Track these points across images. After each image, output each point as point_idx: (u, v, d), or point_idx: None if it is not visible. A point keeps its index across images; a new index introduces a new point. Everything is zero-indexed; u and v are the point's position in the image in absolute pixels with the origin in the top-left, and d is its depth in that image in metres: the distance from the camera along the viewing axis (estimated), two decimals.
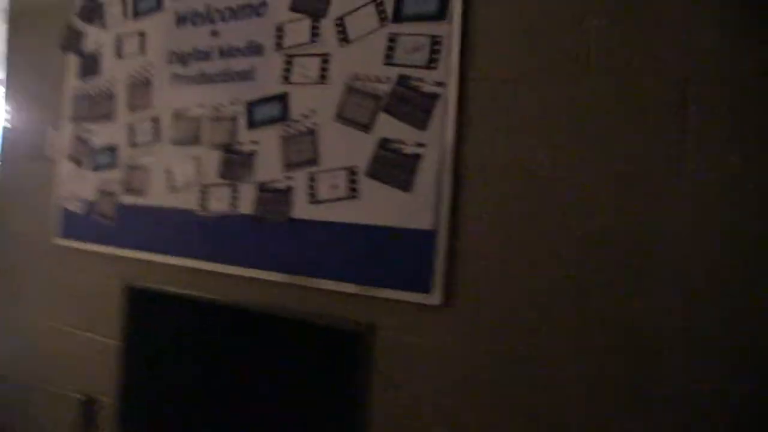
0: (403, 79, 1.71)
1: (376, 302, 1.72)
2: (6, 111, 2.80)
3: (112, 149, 2.35)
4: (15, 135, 2.78)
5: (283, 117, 1.91)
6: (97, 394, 2.36)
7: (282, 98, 1.91)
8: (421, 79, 1.68)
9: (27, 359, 2.66)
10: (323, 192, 1.82)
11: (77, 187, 2.45)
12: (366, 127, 1.76)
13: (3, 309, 2.78)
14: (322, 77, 1.84)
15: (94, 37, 2.44)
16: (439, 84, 1.65)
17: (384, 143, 1.73)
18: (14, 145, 2.79)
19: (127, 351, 2.25)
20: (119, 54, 2.35)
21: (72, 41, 2.50)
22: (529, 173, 1.54)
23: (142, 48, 2.28)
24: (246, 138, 1.99)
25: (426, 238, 1.65)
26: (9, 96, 2.80)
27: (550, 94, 1.53)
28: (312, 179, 1.85)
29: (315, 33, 1.87)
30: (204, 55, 2.11)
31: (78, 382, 2.42)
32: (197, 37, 2.12)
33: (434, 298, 1.63)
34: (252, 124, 1.98)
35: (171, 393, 2.12)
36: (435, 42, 1.67)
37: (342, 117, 1.80)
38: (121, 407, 2.26)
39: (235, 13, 2.04)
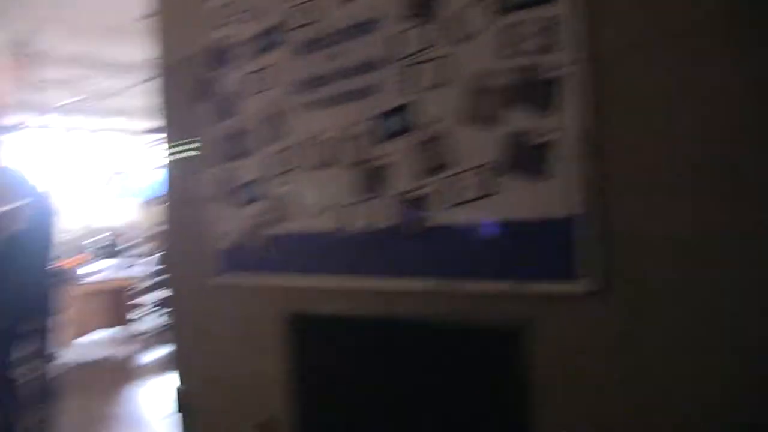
0: (523, 69, 1.67)
1: (528, 297, 1.68)
2: (164, 157, 3.04)
3: (254, 183, 2.48)
4: (173, 180, 3.01)
5: (409, 127, 1.92)
6: (273, 421, 2.48)
7: (405, 109, 1.93)
8: (541, 65, 1.63)
9: (208, 391, 2.85)
10: (459, 194, 1.81)
11: (228, 224, 2.61)
12: (492, 123, 1.73)
13: (191, 347, 3.01)
14: (441, 81, 1.84)
15: (224, 81, 2.59)
16: (561, 67, 1.60)
17: (513, 136, 1.69)
18: (173, 189, 3.02)
19: (296, 376, 2.35)
20: (249, 93, 2.48)
21: (202, 89, 2.67)
22: (670, 148, 1.44)
23: (269, 83, 2.39)
24: (377, 153, 2.02)
25: (569, 225, 1.58)
26: (166, 143, 3.04)
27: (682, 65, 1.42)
28: (446, 184, 1.84)
29: (427, 38, 1.87)
30: (326, 80, 2.17)
31: (255, 410, 2.56)
32: (317, 63, 2.19)
33: (585, 284, 1.56)
34: (381, 139, 2.01)
35: (344, 412, 2.18)
36: (551, 25, 1.61)
37: (467, 117, 1.79)
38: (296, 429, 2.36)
39: (347, 34, 2.09)
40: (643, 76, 1.49)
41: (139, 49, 3.76)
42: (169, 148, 3.04)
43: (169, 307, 3.18)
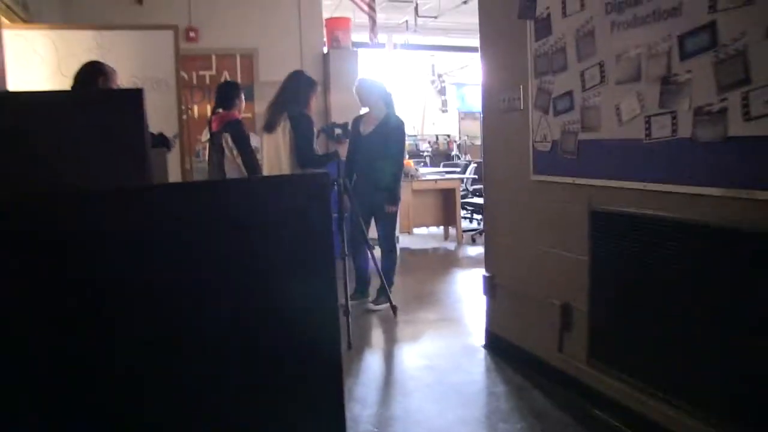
0: None
1: None
2: (482, 72, 3.50)
3: (568, 95, 2.81)
4: (491, 93, 3.48)
5: (713, 44, 2.07)
6: (572, 301, 2.89)
7: (711, 27, 2.07)
8: None
9: (519, 275, 3.36)
10: (758, 108, 1.94)
11: (545, 130, 2.99)
12: None
13: (501, 237, 3.54)
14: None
15: (544, 3, 2.92)
16: None
17: None
18: (491, 101, 3.49)
19: (594, 265, 2.71)
20: (564, 13, 2.78)
21: (526, 9, 3.03)
22: None
23: (582, 5, 2.66)
24: (680, 69, 2.21)
25: None
26: (483, 60, 3.49)
27: None
28: (745, 98, 1.98)
29: None
30: (635, 1, 2.38)
31: (557, 291, 2.99)
32: None
33: None
34: (684, 56, 2.19)
35: (632, 298, 2.51)
36: None
37: None
38: (591, 311, 2.75)
39: None
40: None
41: None
42: (487, 64, 3.48)
43: (485, 209, 3.73)
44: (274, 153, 4.05)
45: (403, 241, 6.96)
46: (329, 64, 7.01)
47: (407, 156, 6.45)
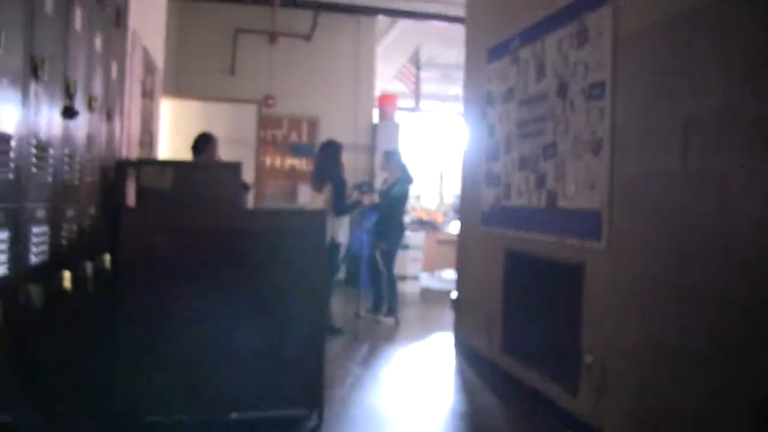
0: None
1: (583, 249, 3.42)
2: (463, 156, 5.22)
3: (498, 176, 4.48)
4: (465, 169, 5.19)
5: (554, 155, 3.75)
6: (493, 312, 4.51)
7: (553, 145, 3.75)
8: None
9: (471, 295, 4.99)
10: (569, 193, 3.60)
11: (487, 198, 4.67)
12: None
13: (465, 270, 5.20)
14: (565, 134, 3.62)
15: (492, 117, 4.64)
16: None
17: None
18: (464, 176, 5.19)
19: (504, 286, 4.35)
20: (500, 123, 4.50)
21: (480, 117, 4.77)
22: None
23: (508, 121, 4.38)
24: (542, 166, 3.89)
25: (598, 214, 3.30)
26: (464, 149, 5.23)
27: None
28: (563, 187, 3.64)
29: (559, 108, 3.66)
30: (526, 123, 4.08)
31: (487, 306, 4.61)
32: (524, 113, 4.11)
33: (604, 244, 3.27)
34: (544, 159, 3.87)
35: (522, 308, 4.13)
36: None
37: (577, 153, 3.56)
38: (503, 319, 4.37)
39: (536, 99, 3.98)
40: None
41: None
42: (466, 145, 5.22)
43: (458, 250, 5.42)
44: (316, 203, 5.81)
45: (424, 279, 8.64)
46: (377, 132, 8.88)
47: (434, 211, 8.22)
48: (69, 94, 2.14)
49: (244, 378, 3.28)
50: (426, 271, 8.69)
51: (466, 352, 5.05)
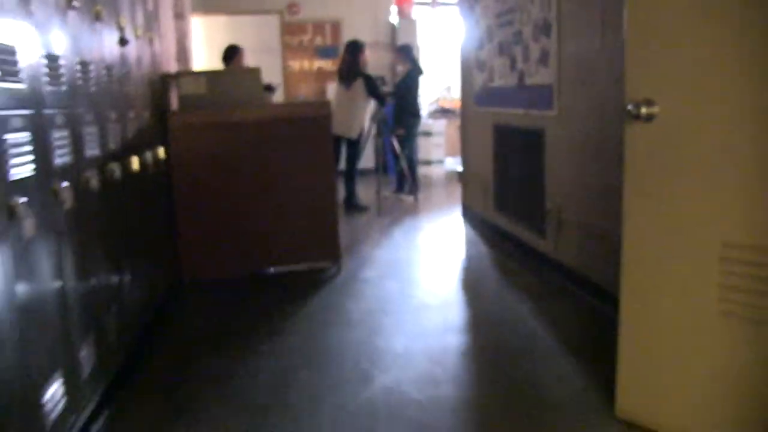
0: None
1: (545, 117, 4.20)
2: (461, 46, 5.93)
3: (484, 62, 5.21)
4: (465, 55, 5.91)
5: (520, 42, 4.47)
6: (489, 179, 5.35)
7: (520, 33, 4.46)
8: None
9: (473, 167, 5.82)
10: (530, 73, 4.35)
11: (478, 81, 5.41)
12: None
13: (467, 145, 6.01)
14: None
15: (478, 10, 5.31)
16: None
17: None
18: (465, 62, 5.91)
19: (494, 157, 5.16)
20: (484, 16, 5.18)
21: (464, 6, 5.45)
22: None
23: (486, 14, 5.06)
24: (515, 51, 4.61)
25: (551, 87, 4.06)
26: (464, 36, 5.92)
27: None
28: (527, 69, 4.38)
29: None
30: (503, 14, 4.78)
31: (483, 174, 5.44)
32: (500, 18, 4.79)
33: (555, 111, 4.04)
34: (515, 45, 4.59)
35: (504, 170, 4.96)
36: None
37: (536, 34, 4.27)
38: (493, 183, 5.21)
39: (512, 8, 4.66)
40: None
41: None
42: (462, 36, 5.91)
43: (461, 128, 6.21)
44: (344, 99, 6.58)
45: (448, 163, 9.47)
46: (397, 30, 9.51)
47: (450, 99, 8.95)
48: (120, 28, 2.98)
49: (275, 240, 4.26)
50: (450, 156, 9.50)
51: (469, 215, 5.95)
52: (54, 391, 1.93)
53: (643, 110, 1.96)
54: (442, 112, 9.64)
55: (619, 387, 2.24)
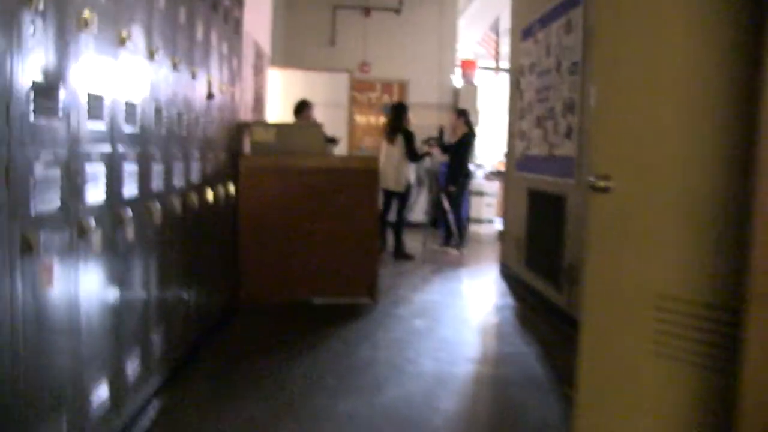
0: None
1: (567, 185, 4.76)
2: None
3: (525, 132, 5.82)
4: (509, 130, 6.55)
5: (552, 118, 5.08)
6: (522, 236, 5.90)
7: (543, 118, 5.08)
8: None
9: (511, 227, 6.39)
10: (558, 145, 4.95)
11: (517, 149, 6.02)
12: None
13: (508, 207, 6.60)
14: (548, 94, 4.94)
15: (522, 85, 5.97)
16: None
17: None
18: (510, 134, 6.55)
19: (528, 218, 5.72)
20: (527, 90, 5.83)
21: (515, 84, 6.10)
22: None
23: (528, 90, 5.71)
24: (547, 125, 5.23)
25: (573, 160, 4.64)
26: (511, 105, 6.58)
27: None
28: (553, 143, 4.98)
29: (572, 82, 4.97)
30: (540, 92, 5.41)
31: (519, 231, 6.00)
32: (541, 82, 5.43)
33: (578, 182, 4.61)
34: (546, 120, 5.21)
35: (537, 231, 5.51)
36: None
37: (564, 110, 4.88)
38: (526, 242, 5.76)
39: (547, 71, 5.30)
40: None
41: None
42: (509, 107, 6.55)
43: (504, 194, 6.79)
44: (391, 155, 7.29)
45: (498, 223, 10.00)
46: (459, 93, 10.25)
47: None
48: (209, 85, 3.74)
49: (323, 274, 4.91)
50: (500, 216, 10.05)
51: (505, 271, 6.48)
52: (135, 365, 2.61)
53: (601, 183, 2.53)
54: (497, 174, 10.24)
55: (577, 418, 2.74)
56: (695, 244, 2.34)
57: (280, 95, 8.18)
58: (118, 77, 2.40)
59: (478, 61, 10.73)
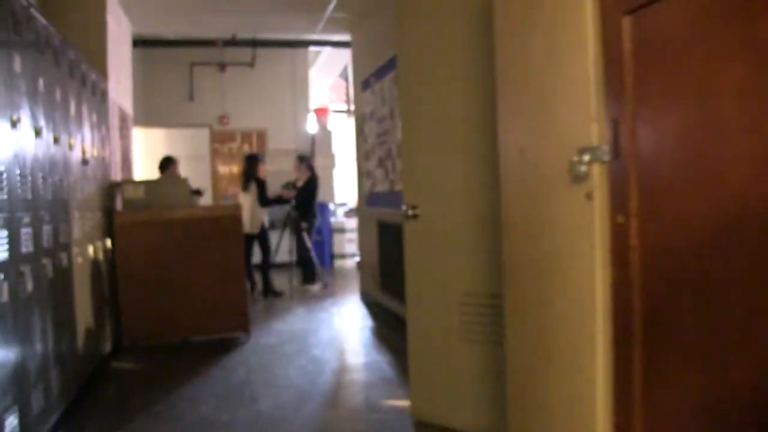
0: None
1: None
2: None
3: (370, 171, 6.68)
4: (359, 163, 7.41)
5: (390, 158, 5.96)
6: (376, 264, 6.71)
7: (387, 156, 5.97)
8: None
9: (365, 257, 7.20)
10: (397, 181, 5.83)
11: (367, 185, 6.86)
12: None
13: (362, 239, 7.42)
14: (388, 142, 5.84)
15: (366, 129, 6.86)
16: None
17: None
18: (359, 167, 7.41)
19: (379, 249, 6.55)
20: (372, 135, 6.72)
21: (360, 129, 6.99)
22: None
23: (371, 134, 6.61)
24: (387, 164, 6.11)
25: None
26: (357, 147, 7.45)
27: None
28: (392, 180, 5.87)
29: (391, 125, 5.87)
30: (379, 136, 6.30)
31: (372, 261, 6.81)
32: (379, 126, 6.32)
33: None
34: (387, 160, 6.09)
35: (387, 258, 6.34)
36: None
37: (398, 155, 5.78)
38: (379, 268, 6.58)
39: (383, 118, 6.21)
40: None
41: None
42: (355, 149, 7.41)
43: (358, 226, 7.64)
44: (246, 201, 7.94)
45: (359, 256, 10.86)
46: (315, 139, 11.09)
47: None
48: (83, 152, 4.31)
49: (197, 314, 5.49)
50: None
51: (365, 297, 7.28)
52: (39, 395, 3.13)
53: (410, 211, 3.37)
54: (355, 212, 11.11)
55: (412, 398, 3.52)
56: (481, 251, 3.20)
57: (145, 153, 8.66)
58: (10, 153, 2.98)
59: (331, 106, 11.63)
